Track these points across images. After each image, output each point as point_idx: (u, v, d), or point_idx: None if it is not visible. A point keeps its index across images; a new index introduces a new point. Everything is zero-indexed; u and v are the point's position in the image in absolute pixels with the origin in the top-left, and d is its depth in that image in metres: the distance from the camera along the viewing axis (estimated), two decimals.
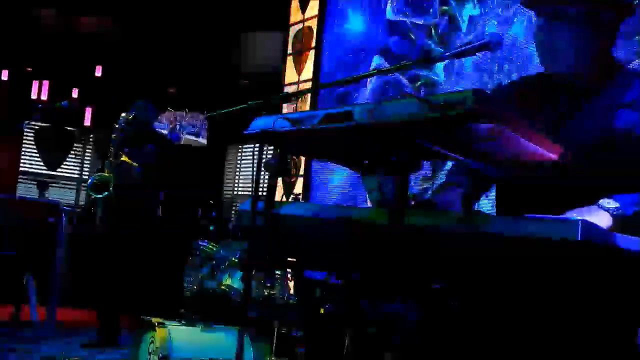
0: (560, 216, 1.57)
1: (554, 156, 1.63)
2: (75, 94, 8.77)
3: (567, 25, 2.09)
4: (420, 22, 5.39)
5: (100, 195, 5.33)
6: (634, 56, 3.79)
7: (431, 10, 5.32)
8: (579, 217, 1.37)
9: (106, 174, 5.40)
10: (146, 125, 5.73)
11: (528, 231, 1.40)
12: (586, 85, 2.15)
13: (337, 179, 6.00)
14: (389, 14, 5.76)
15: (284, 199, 6.05)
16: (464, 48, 1.97)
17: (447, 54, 1.97)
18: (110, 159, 5.48)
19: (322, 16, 6.68)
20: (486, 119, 1.50)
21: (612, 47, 2.19)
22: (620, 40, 2.27)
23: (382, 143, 1.80)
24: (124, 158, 5.45)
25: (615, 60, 2.22)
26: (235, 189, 9.68)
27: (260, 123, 2.11)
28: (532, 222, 1.41)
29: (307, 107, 6.34)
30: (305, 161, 6.15)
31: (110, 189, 5.30)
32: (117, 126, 5.54)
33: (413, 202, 1.98)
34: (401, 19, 5.59)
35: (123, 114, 5.55)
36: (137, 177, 5.44)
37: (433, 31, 5.27)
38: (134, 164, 5.45)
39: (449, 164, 2.54)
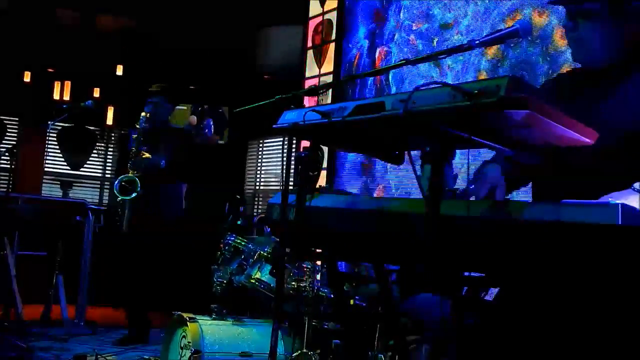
0: (598, 200, 1.56)
1: (589, 140, 1.63)
2: (96, 93, 8.84)
3: (593, 20, 2.15)
4: None
5: (129, 197, 5.33)
6: None
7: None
8: (618, 201, 1.36)
9: (131, 174, 5.41)
10: (162, 122, 5.74)
11: (566, 217, 1.39)
12: (619, 72, 2.17)
13: (357, 170, 6.01)
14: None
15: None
16: (494, 35, 1.97)
17: (477, 41, 1.96)
18: (132, 157, 5.48)
19: (341, 8, 6.67)
20: (520, 106, 1.49)
21: None
22: None
23: (415, 133, 1.81)
24: (146, 155, 5.46)
25: None
26: (257, 184, 9.71)
27: (290, 116, 2.12)
28: (570, 207, 1.40)
29: (329, 100, 6.33)
30: (329, 153, 6.15)
31: (139, 189, 5.31)
32: (138, 126, 5.56)
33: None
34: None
35: (143, 113, 5.58)
36: (164, 171, 5.44)
37: None
38: (158, 159, 5.46)
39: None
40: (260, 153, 9.70)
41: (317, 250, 2.55)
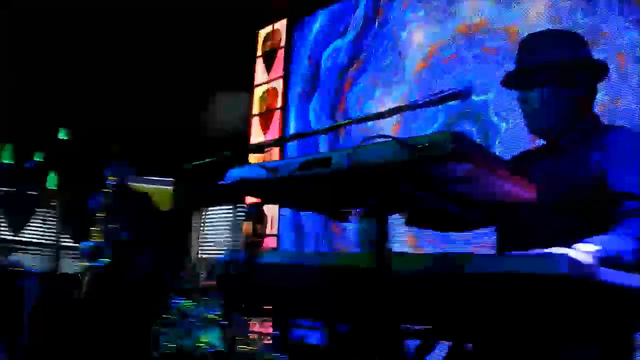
0: (545, 251, 1.59)
1: (531, 196, 1.67)
2: (39, 157, 8.67)
3: (545, 89, 2.28)
4: None
5: (95, 264, 5.15)
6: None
7: None
8: (563, 251, 1.39)
9: (96, 241, 5.23)
10: (125, 186, 5.65)
11: (513, 268, 1.41)
12: (567, 136, 2.30)
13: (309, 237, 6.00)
14: None
15: None
16: (435, 97, 2.01)
17: (419, 102, 2.00)
18: (97, 225, 5.32)
19: (287, 77, 6.78)
20: (463, 161, 1.53)
21: (591, 103, 2.36)
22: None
23: (361, 188, 1.82)
24: (111, 225, 5.33)
25: (595, 114, 2.39)
26: (199, 252, 9.57)
27: (236, 173, 2.12)
28: (516, 258, 1.42)
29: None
30: (279, 218, 6.14)
31: (105, 256, 5.13)
32: (106, 191, 5.43)
33: None
34: None
35: (110, 178, 5.45)
36: (127, 242, 5.31)
37: None
38: (121, 231, 5.34)
39: None
40: (202, 222, 9.60)
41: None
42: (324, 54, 6.48)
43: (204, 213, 9.53)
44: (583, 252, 1.83)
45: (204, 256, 9.48)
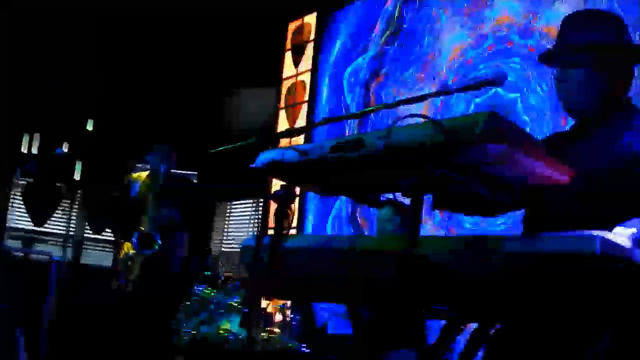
0: (577, 232, 1.57)
1: (565, 178, 1.65)
2: (65, 148, 8.73)
3: (580, 70, 2.27)
4: None
5: (148, 252, 5.08)
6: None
7: None
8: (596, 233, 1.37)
9: (147, 230, 5.17)
10: (169, 170, 5.64)
11: (545, 248, 1.40)
12: (600, 117, 2.29)
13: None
14: None
15: None
16: (469, 83, 2.01)
17: (453, 88, 1.99)
18: (150, 208, 5.28)
19: (315, 70, 6.80)
20: (498, 140, 1.51)
21: (628, 86, 2.34)
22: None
23: (395, 170, 1.81)
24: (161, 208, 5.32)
25: (628, 97, 2.37)
26: (222, 245, 9.60)
27: (267, 156, 2.11)
28: (549, 239, 1.41)
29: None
30: (299, 211, 6.14)
31: (157, 245, 5.07)
32: (155, 175, 5.41)
33: None
34: None
35: (153, 161, 5.45)
36: (179, 224, 5.29)
37: None
38: (174, 212, 5.32)
39: None
40: (227, 215, 9.63)
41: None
42: (345, 72, 6.54)
43: (228, 207, 9.56)
44: (620, 234, 1.81)
45: (225, 250, 9.52)
